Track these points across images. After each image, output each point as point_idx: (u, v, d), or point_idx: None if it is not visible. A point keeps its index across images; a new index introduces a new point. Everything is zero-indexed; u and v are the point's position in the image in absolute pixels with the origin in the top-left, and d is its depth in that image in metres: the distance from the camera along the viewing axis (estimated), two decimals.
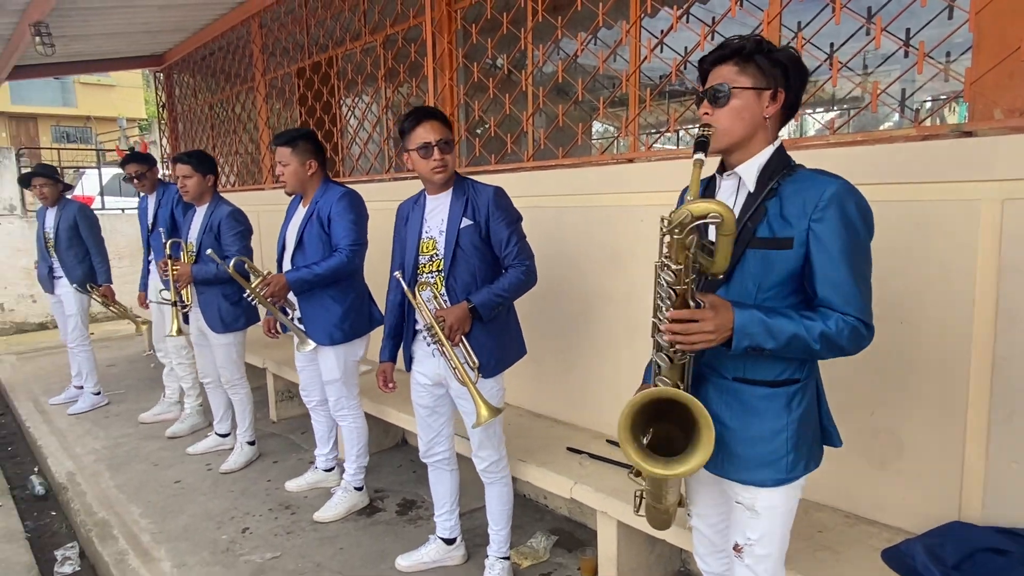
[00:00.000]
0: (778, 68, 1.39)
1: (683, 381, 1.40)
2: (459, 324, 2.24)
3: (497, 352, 2.34)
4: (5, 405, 5.49)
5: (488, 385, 2.34)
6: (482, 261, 2.31)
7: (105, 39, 5.92)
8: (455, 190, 2.34)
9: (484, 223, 2.28)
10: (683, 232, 1.24)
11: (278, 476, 3.60)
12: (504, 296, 2.27)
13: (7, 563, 2.91)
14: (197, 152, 3.57)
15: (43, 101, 22.88)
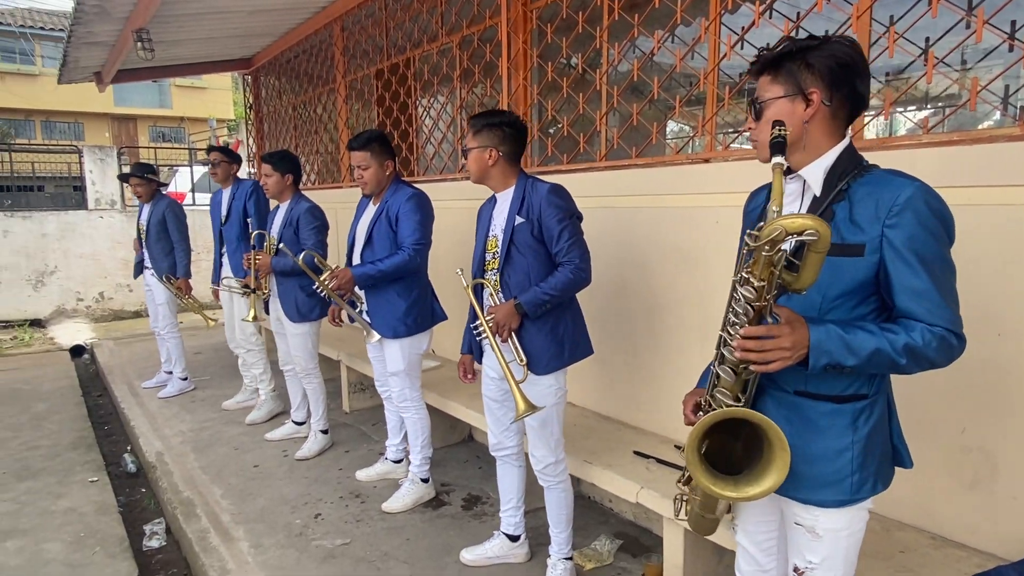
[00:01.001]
0: (812, 70, 1.32)
1: (744, 394, 1.35)
2: (506, 320, 2.28)
3: (551, 349, 2.34)
4: (103, 387, 5.89)
5: (541, 382, 2.35)
6: (536, 259, 2.31)
7: (199, 44, 6.25)
8: (515, 188, 2.37)
9: (537, 220, 2.29)
10: (773, 249, 1.17)
11: (349, 465, 3.71)
12: (551, 295, 2.27)
13: (103, 534, 3.12)
14: (280, 152, 3.73)
15: (142, 103, 24.41)
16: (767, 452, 1.26)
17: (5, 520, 3.24)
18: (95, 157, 9.06)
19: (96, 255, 8.82)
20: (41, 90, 21.71)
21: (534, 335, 2.32)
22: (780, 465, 1.24)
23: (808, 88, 1.33)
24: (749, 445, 1.32)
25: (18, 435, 4.45)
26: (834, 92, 1.33)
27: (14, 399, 5.28)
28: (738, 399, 1.35)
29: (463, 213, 3.86)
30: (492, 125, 2.35)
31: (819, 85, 1.32)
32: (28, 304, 8.44)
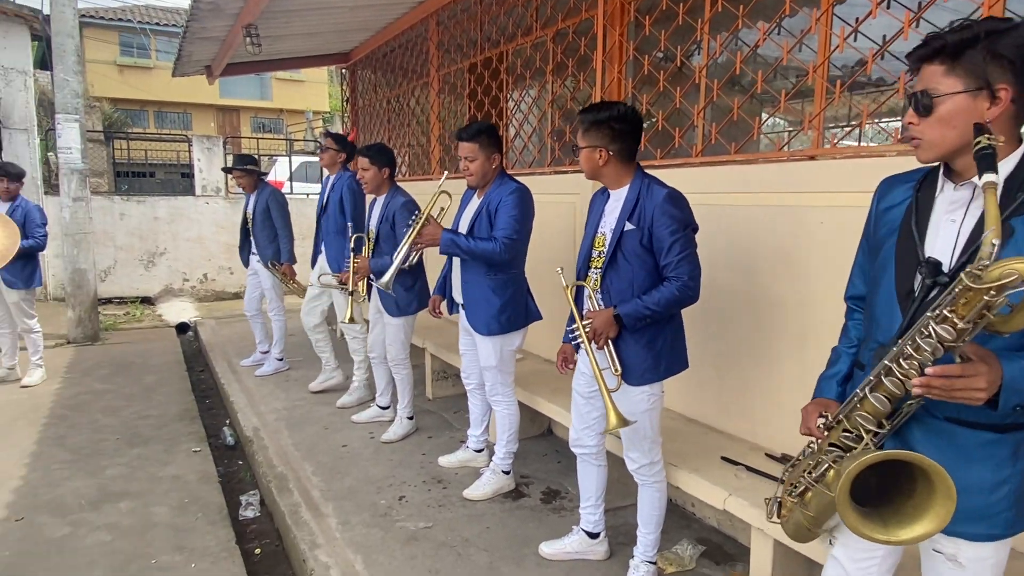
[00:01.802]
0: (1001, 61, 1.15)
1: (889, 420, 1.25)
2: (603, 329, 2.23)
3: (646, 362, 2.28)
4: (205, 363, 6.27)
5: (634, 393, 2.30)
6: (642, 268, 2.23)
7: (302, 39, 6.52)
8: (631, 187, 2.28)
9: (648, 229, 2.19)
10: (999, 294, 1.03)
11: (432, 451, 3.79)
12: (652, 310, 2.19)
13: (204, 501, 3.33)
14: (377, 145, 3.83)
15: (245, 95, 25.67)
16: (924, 496, 1.15)
17: (119, 483, 3.51)
18: (203, 146, 9.63)
19: (201, 239, 9.38)
20: (155, 82, 23.25)
21: (630, 345, 2.27)
22: (941, 514, 1.13)
23: (996, 83, 1.17)
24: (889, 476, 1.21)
25: (131, 404, 4.81)
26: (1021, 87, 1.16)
27: (127, 371, 5.70)
28: (881, 425, 1.25)
29: (553, 207, 3.86)
30: (600, 122, 2.23)
31: (1009, 80, 1.16)
32: (140, 282, 9.09)
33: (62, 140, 6.45)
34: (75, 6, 6.47)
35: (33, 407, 4.67)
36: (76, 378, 5.42)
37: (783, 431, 2.67)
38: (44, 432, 4.19)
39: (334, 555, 2.73)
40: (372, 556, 2.71)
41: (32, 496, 3.32)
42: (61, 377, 5.43)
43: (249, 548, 3.05)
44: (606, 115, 2.24)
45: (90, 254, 6.73)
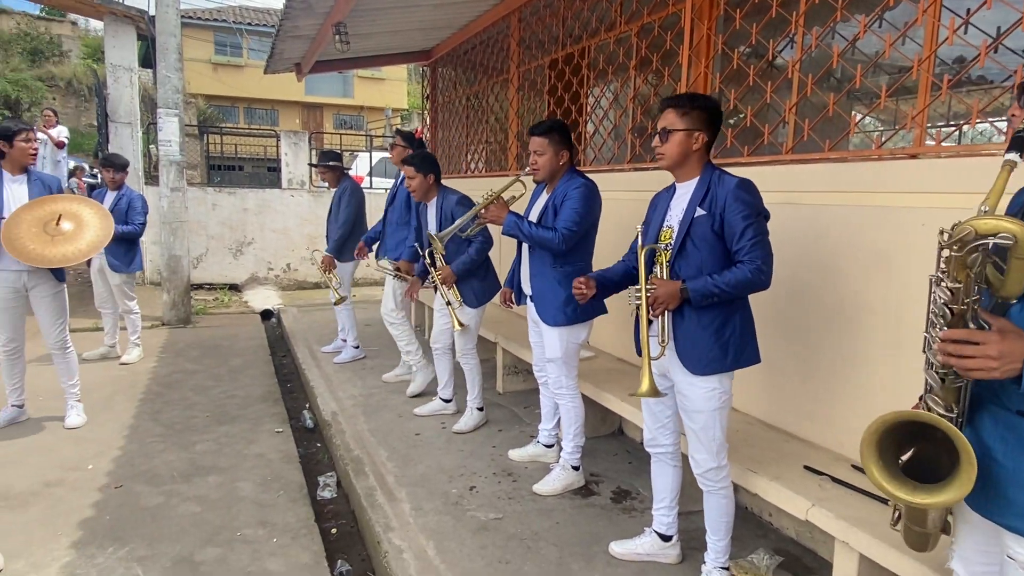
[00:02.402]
0: None
1: (957, 405, 1.24)
2: (666, 298, 2.21)
3: (713, 351, 2.24)
4: (287, 348, 6.53)
5: (701, 384, 2.27)
6: (711, 255, 2.21)
7: (386, 36, 6.68)
8: (700, 179, 2.28)
9: (719, 214, 2.18)
10: (962, 250, 1.11)
11: (502, 444, 3.82)
12: (722, 289, 2.16)
13: (286, 479, 3.47)
14: (420, 153, 3.94)
15: (328, 92, 26.57)
16: (956, 464, 1.18)
17: (208, 458, 3.70)
18: (290, 141, 10.02)
19: (286, 230, 9.77)
20: (246, 79, 24.38)
21: (698, 332, 2.24)
22: (963, 481, 1.16)
23: None
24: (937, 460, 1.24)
25: (219, 384, 5.06)
26: None
27: (216, 353, 6.00)
28: (951, 409, 1.25)
29: (629, 204, 3.80)
30: (701, 108, 2.25)
31: None
32: (228, 270, 9.55)
33: (162, 133, 6.85)
34: (178, 7, 6.86)
35: (131, 383, 4.99)
36: (170, 358, 5.76)
37: None
38: (141, 407, 4.47)
39: (407, 539, 2.79)
40: (444, 543, 2.76)
41: (130, 466, 3.55)
42: (156, 356, 5.77)
43: (326, 527, 3.16)
44: (704, 102, 2.27)
45: (185, 242, 7.13)
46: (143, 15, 8.37)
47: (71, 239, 3.65)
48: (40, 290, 3.84)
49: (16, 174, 3.78)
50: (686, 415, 2.36)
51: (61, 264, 3.67)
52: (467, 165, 6.89)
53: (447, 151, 7.54)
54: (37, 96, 18.19)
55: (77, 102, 19.70)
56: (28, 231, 3.56)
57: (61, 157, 9.76)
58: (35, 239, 3.56)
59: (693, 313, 2.24)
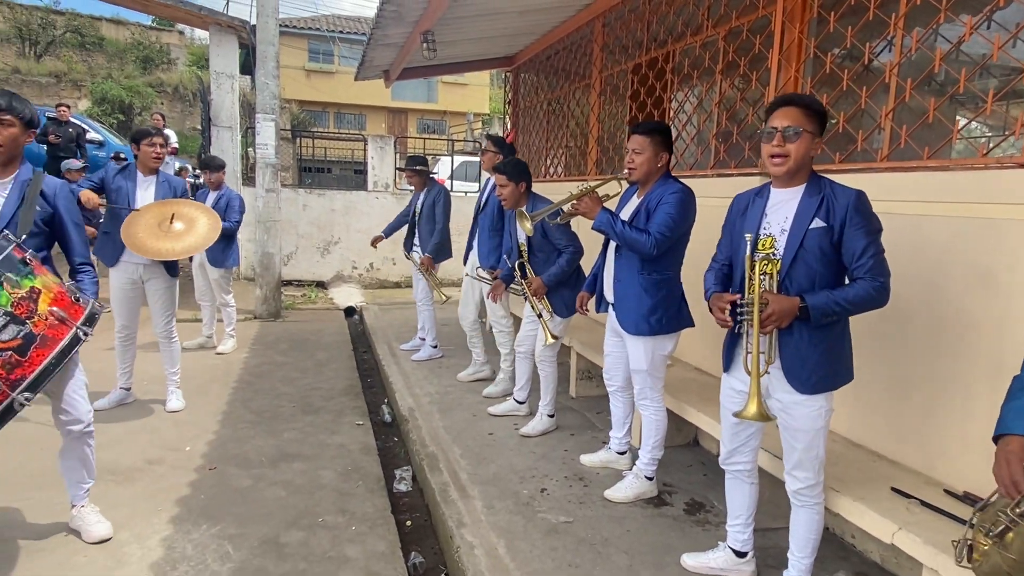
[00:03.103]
0: None
1: None
2: (781, 315, 2.10)
3: (824, 368, 2.16)
4: (368, 344, 6.76)
5: (809, 404, 2.19)
6: (826, 268, 2.12)
7: (471, 43, 6.82)
8: (808, 187, 2.17)
9: (839, 228, 2.08)
10: None
11: (573, 448, 3.83)
12: (844, 307, 2.07)
13: (364, 471, 3.60)
14: (512, 161, 3.95)
15: (413, 98, 27.28)
16: None
17: (294, 445, 3.89)
18: (376, 145, 10.37)
19: (370, 231, 10.04)
20: (337, 85, 25.38)
21: (808, 350, 2.16)
22: None
23: None
24: None
25: (304, 376, 5.31)
26: None
27: (303, 346, 6.29)
28: None
29: (712, 211, 3.72)
30: (821, 112, 2.16)
31: None
32: (316, 268, 9.97)
33: (260, 137, 7.24)
34: (277, 17, 7.24)
35: (225, 372, 5.30)
36: (260, 350, 6.08)
37: (968, 466, 2.40)
38: (233, 395, 4.75)
39: (479, 536, 2.85)
40: (514, 542, 2.80)
41: (223, 449, 3.77)
42: (248, 348, 6.11)
43: (401, 519, 3.26)
44: (822, 107, 2.18)
45: (277, 240, 7.50)
46: (245, 25, 8.87)
47: (179, 237, 3.93)
48: (154, 283, 4.16)
49: (146, 175, 4.13)
50: (789, 434, 2.27)
51: (162, 257, 3.95)
52: (546, 170, 6.93)
53: (527, 155, 7.61)
54: (147, 101, 19.56)
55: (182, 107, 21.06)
56: (145, 226, 3.88)
57: (169, 159, 10.48)
58: (148, 233, 3.86)
59: (804, 331, 2.15)
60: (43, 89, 18.32)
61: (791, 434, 2.26)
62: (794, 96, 2.21)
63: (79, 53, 22.09)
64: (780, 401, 2.26)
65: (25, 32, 20.90)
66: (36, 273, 2.31)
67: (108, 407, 4.26)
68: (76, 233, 2.66)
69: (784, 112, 2.14)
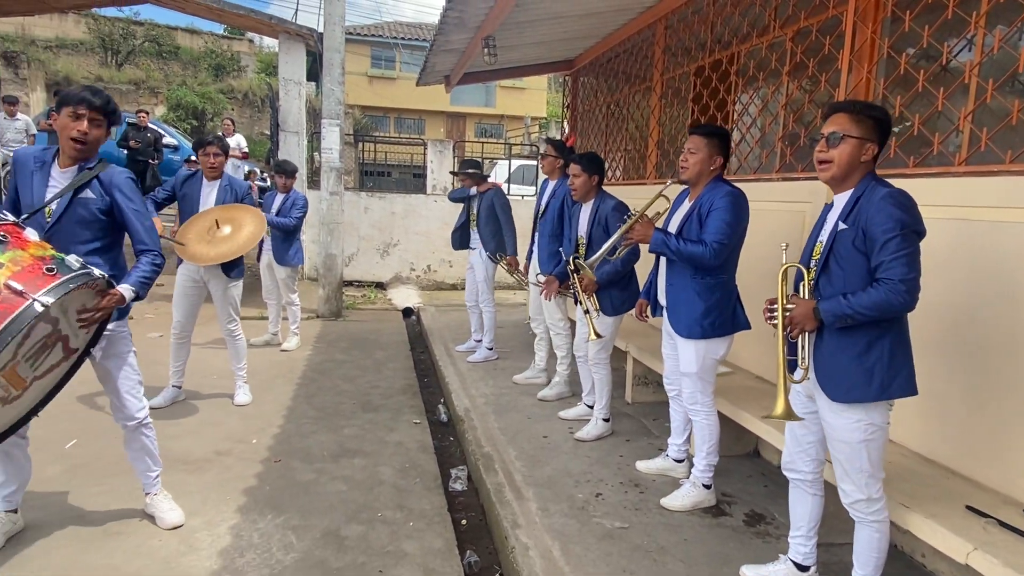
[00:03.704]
0: None
1: None
2: (800, 319, 2.13)
3: (857, 375, 2.10)
4: (424, 345, 6.87)
5: (844, 415, 2.14)
6: (855, 273, 2.08)
7: (531, 48, 6.86)
8: (853, 191, 2.15)
9: (862, 228, 2.04)
10: None
11: (629, 454, 3.80)
12: (856, 310, 2.02)
13: (422, 468, 3.67)
14: (589, 154, 3.94)
15: (471, 102, 27.58)
16: None
17: (354, 442, 3.99)
18: (436, 149, 10.53)
19: (428, 233, 10.27)
20: (398, 91, 25.91)
21: (837, 355, 2.12)
22: None
23: None
24: None
25: (364, 375, 5.43)
26: None
27: (363, 345, 6.44)
28: None
29: (778, 216, 3.66)
30: (875, 117, 2.13)
31: None
32: (376, 269, 10.19)
33: (325, 142, 7.46)
34: (343, 25, 7.45)
35: (290, 368, 5.47)
36: (323, 348, 6.26)
37: None
38: (297, 390, 4.90)
39: (533, 537, 2.86)
40: (569, 545, 2.80)
41: (287, 443, 3.91)
42: (311, 345, 6.30)
43: (456, 518, 3.30)
44: (878, 112, 2.14)
45: (340, 242, 7.71)
46: (312, 33, 9.16)
47: (223, 242, 4.11)
48: (213, 284, 4.34)
49: (210, 180, 4.32)
50: (830, 443, 2.24)
51: (219, 261, 4.12)
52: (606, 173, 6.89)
53: None
54: (219, 107, 20.40)
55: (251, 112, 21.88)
56: (195, 232, 4.09)
57: (239, 163, 10.91)
58: (196, 238, 4.08)
59: (833, 335, 2.13)
60: (123, 96, 19.34)
61: (832, 444, 2.23)
62: (842, 103, 2.21)
63: (156, 62, 23.24)
64: (820, 408, 2.25)
65: (107, 42, 22.12)
66: (7, 249, 2.19)
67: (164, 405, 4.37)
68: (137, 220, 2.67)
69: (832, 119, 2.17)
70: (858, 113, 2.12)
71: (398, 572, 2.66)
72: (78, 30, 22.14)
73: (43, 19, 19.27)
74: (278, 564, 2.66)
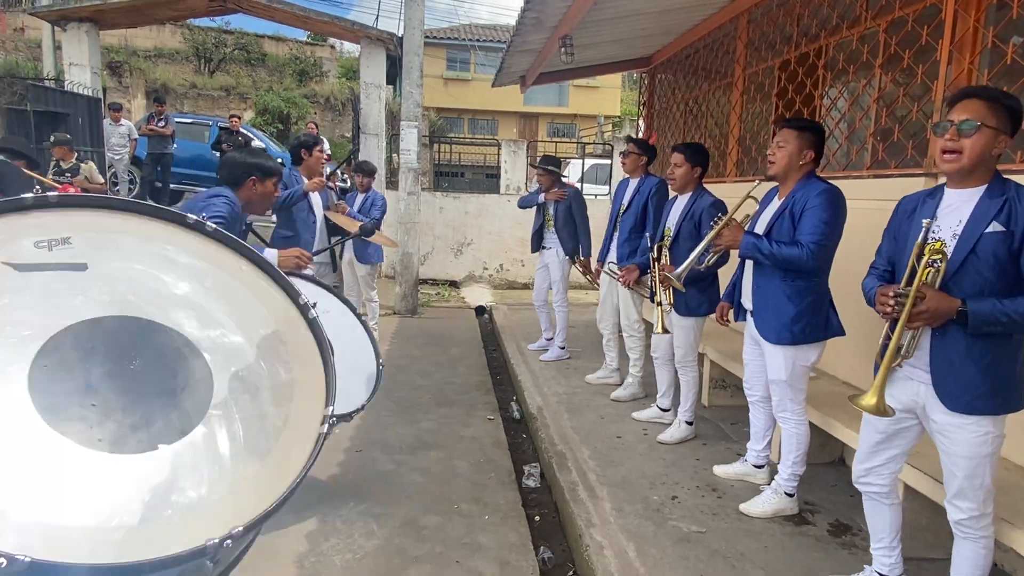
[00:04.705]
0: None
1: None
2: (935, 312, 1.95)
3: (982, 388, 1.97)
4: (496, 343, 6.94)
5: (973, 431, 2.01)
6: (999, 279, 1.94)
7: (607, 46, 6.82)
8: (990, 188, 1.98)
9: (1021, 235, 1.90)
10: None
11: (706, 458, 3.72)
12: (1011, 318, 1.88)
13: (496, 464, 3.72)
14: (694, 144, 3.85)
15: (544, 102, 27.62)
16: None
17: (430, 435, 4.09)
18: (510, 149, 10.62)
19: (500, 233, 10.36)
20: (472, 92, 26.26)
21: (965, 362, 1.99)
22: None
23: None
24: None
25: (439, 370, 5.55)
26: None
27: (437, 342, 6.58)
28: None
29: (867, 214, 3.49)
30: (1010, 107, 1.93)
31: None
32: (449, 268, 10.38)
33: (404, 143, 7.65)
34: (422, 29, 7.63)
35: None
36: (400, 343, 6.43)
37: None
38: None
39: (608, 537, 2.85)
40: (644, 547, 2.78)
41: (368, 434, 4.04)
42: (389, 341, 6.48)
43: (530, 514, 3.33)
44: (1015, 101, 1.96)
45: (416, 241, 7.90)
46: (392, 37, 9.42)
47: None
48: None
49: (310, 179, 4.52)
50: (948, 459, 2.09)
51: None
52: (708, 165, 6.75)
53: (663, 157, 7.47)
54: (303, 111, 21.23)
55: (333, 116, 22.65)
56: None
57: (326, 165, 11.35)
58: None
59: (963, 339, 1.98)
60: (215, 102, 20.42)
61: (951, 460, 2.08)
62: (978, 88, 2.03)
63: (245, 68, 24.40)
64: (936, 422, 2.09)
65: (201, 51, 23.38)
66: None
67: None
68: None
69: (964, 105, 1.96)
70: (995, 101, 1.93)
71: (474, 563, 2.71)
72: (175, 40, 23.53)
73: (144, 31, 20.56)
74: (360, 549, 2.76)
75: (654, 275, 3.77)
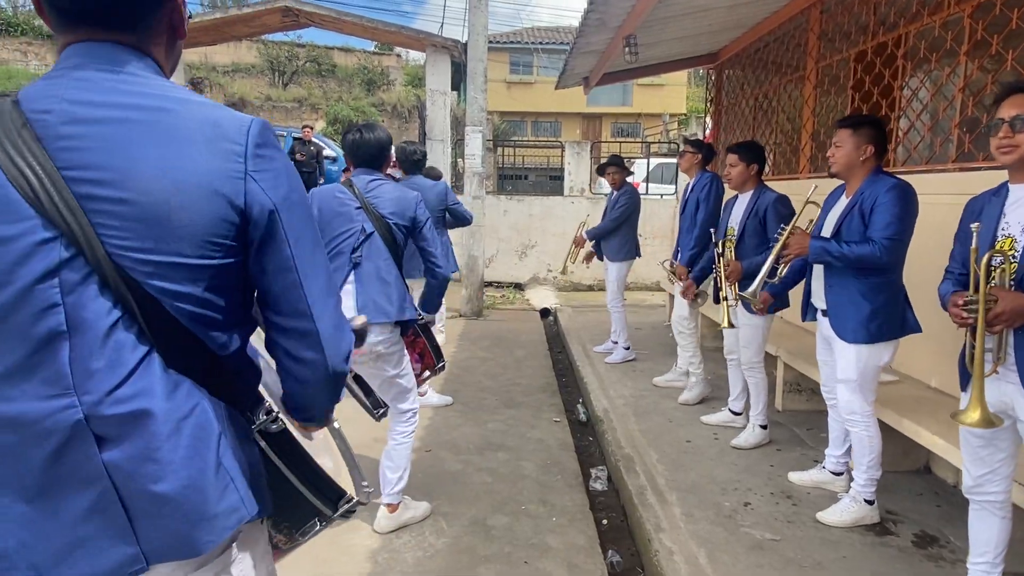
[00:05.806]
0: None
1: None
2: (1012, 313, 1.88)
3: None
4: (562, 345, 6.93)
5: None
6: None
7: (672, 43, 6.71)
8: None
9: None
10: None
11: (780, 464, 3.61)
12: None
13: (562, 466, 3.72)
14: (747, 142, 3.78)
15: (607, 102, 27.37)
16: None
17: (497, 436, 4.13)
18: (573, 151, 10.59)
19: (565, 234, 10.29)
20: (534, 95, 26.30)
21: None
22: None
23: None
24: None
25: (505, 372, 5.59)
26: None
27: (503, 344, 6.62)
28: None
29: (951, 210, 3.31)
30: None
31: None
32: (514, 270, 10.43)
33: (469, 148, 7.75)
34: (486, 35, 7.71)
35: None
36: (466, 345, 6.51)
37: None
38: (444, 385, 5.13)
39: (678, 542, 2.81)
40: (715, 554, 2.72)
41: (436, 435, 4.11)
42: (456, 343, 6.57)
43: (597, 517, 3.31)
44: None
45: (482, 244, 7.98)
46: (456, 44, 9.56)
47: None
48: None
49: None
50: None
51: None
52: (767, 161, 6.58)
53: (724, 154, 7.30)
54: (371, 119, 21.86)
55: (399, 123, 23.16)
56: None
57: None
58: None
59: None
60: (288, 113, 21.22)
61: None
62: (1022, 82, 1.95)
63: (316, 80, 25.26)
64: None
65: (275, 64, 24.37)
66: None
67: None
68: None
69: (1013, 100, 1.93)
70: None
71: (543, 565, 2.72)
72: (251, 55, 24.60)
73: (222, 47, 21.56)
74: (430, 547, 2.81)
75: (719, 270, 3.71)
